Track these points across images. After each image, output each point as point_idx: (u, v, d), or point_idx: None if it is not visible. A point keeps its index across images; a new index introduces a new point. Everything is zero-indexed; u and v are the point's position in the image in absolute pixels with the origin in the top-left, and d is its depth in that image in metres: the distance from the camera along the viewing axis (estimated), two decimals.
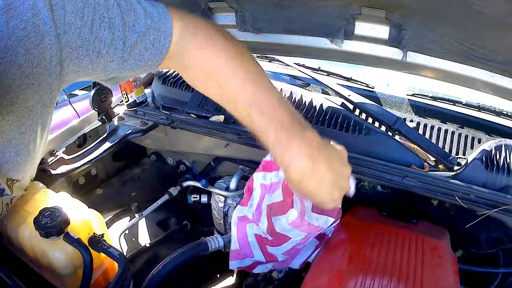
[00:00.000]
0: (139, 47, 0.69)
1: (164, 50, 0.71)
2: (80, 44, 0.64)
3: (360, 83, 1.41)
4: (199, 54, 0.71)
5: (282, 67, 1.57)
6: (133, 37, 0.67)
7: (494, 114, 1.24)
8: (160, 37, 0.70)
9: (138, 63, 0.71)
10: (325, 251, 0.91)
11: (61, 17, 0.61)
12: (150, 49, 0.70)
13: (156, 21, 0.70)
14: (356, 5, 0.91)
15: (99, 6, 0.64)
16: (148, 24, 0.68)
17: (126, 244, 1.49)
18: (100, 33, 0.64)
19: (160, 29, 0.70)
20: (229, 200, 1.22)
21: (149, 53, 0.70)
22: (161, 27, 0.70)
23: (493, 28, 0.78)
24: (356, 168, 0.96)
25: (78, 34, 0.63)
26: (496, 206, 0.87)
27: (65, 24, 0.61)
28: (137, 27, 0.68)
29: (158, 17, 0.70)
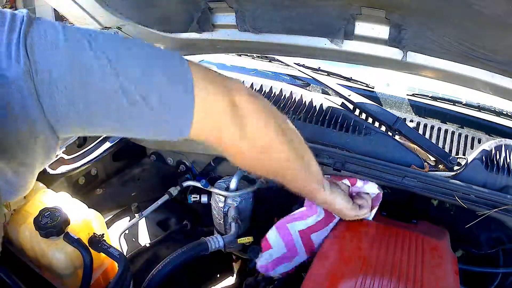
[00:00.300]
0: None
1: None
2: (77, 124, 0.58)
3: (360, 83, 1.41)
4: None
5: (282, 67, 1.57)
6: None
7: (494, 114, 1.24)
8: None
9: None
10: (325, 251, 0.91)
11: (52, 110, 0.54)
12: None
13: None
14: (356, 5, 0.91)
15: (97, 96, 0.56)
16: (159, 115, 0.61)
17: (126, 244, 1.49)
18: (103, 122, 0.58)
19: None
20: (229, 200, 1.22)
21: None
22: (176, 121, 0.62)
23: (493, 28, 0.78)
24: (356, 168, 0.96)
25: (72, 121, 0.57)
26: (496, 206, 0.87)
27: (57, 116, 0.55)
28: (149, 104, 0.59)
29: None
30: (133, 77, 0.56)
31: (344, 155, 0.99)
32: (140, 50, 0.60)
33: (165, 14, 1.23)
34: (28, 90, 0.51)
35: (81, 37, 0.55)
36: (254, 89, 1.30)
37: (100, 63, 0.54)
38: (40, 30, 0.53)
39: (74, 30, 0.56)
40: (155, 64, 0.59)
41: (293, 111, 1.18)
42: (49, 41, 0.53)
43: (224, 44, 1.27)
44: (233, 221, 1.16)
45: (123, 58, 0.56)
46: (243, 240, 1.10)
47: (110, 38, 0.58)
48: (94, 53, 0.54)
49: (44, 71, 0.52)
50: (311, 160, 0.81)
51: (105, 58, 0.55)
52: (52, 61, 0.52)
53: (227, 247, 1.07)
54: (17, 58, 0.50)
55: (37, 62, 0.51)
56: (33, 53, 0.51)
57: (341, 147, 1.06)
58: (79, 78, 0.53)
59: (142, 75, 0.57)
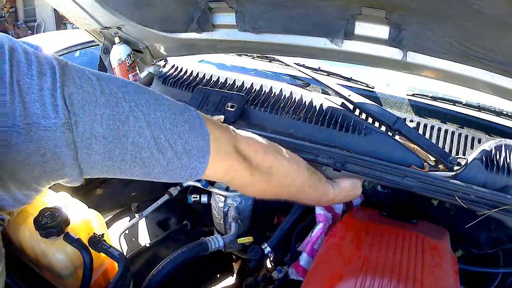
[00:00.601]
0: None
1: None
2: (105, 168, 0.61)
3: (360, 83, 1.41)
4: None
5: (282, 67, 1.57)
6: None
7: (494, 114, 1.24)
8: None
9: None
10: (325, 251, 0.91)
11: (87, 158, 0.57)
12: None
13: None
14: (356, 5, 0.91)
15: (132, 146, 0.60)
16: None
17: (126, 244, 1.49)
18: (131, 168, 0.62)
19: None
20: (229, 200, 1.22)
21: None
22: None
23: (493, 28, 0.78)
24: (356, 168, 0.96)
25: (103, 167, 0.60)
26: (496, 206, 0.87)
27: (90, 162, 0.58)
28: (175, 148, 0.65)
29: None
30: (163, 128, 0.62)
31: (344, 155, 0.99)
32: (164, 101, 0.65)
33: (165, 14, 1.23)
34: (65, 140, 0.53)
35: (115, 88, 0.59)
36: (254, 89, 1.30)
37: (136, 115, 0.59)
38: (75, 80, 0.55)
39: (107, 79, 0.59)
40: (178, 115, 0.65)
41: (293, 111, 1.18)
42: (86, 92, 0.55)
43: (224, 44, 1.27)
44: (233, 221, 1.17)
45: (153, 111, 0.61)
46: (243, 240, 1.10)
47: (139, 89, 0.63)
48: (129, 106, 0.59)
49: (85, 124, 0.54)
50: (308, 167, 0.91)
51: (139, 111, 0.60)
52: (92, 115, 0.55)
53: (227, 247, 1.07)
54: (55, 109, 0.52)
55: (77, 115, 0.54)
56: (72, 105, 0.53)
57: (341, 147, 1.06)
58: (117, 131, 0.57)
59: (170, 125, 0.63)
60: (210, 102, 1.24)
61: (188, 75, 1.46)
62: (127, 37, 1.37)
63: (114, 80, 0.61)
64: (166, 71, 1.51)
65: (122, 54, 1.36)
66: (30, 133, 0.51)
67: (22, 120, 0.50)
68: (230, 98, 1.23)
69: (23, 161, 0.52)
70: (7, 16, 10.75)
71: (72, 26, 7.00)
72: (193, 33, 1.24)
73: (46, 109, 0.51)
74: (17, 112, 0.50)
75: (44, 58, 0.55)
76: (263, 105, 1.23)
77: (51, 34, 6.38)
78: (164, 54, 1.44)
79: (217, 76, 1.40)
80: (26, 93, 0.51)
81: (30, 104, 0.51)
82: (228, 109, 1.20)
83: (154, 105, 0.62)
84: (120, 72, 1.38)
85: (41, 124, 0.51)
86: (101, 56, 1.42)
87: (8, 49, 0.52)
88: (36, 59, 0.54)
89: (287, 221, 1.11)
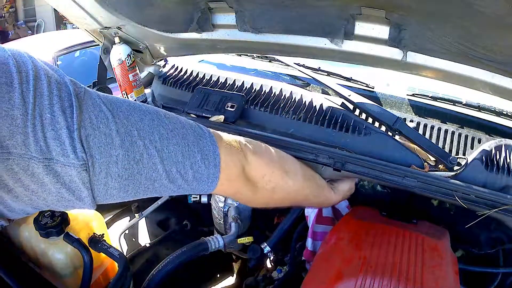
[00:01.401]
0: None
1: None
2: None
3: (360, 83, 1.41)
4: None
5: (282, 67, 1.57)
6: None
7: (494, 114, 1.24)
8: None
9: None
10: (325, 251, 0.91)
11: (103, 192, 0.60)
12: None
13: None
14: (356, 5, 0.91)
15: (145, 180, 0.63)
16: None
17: (126, 244, 1.49)
18: (143, 195, 0.66)
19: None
20: (229, 200, 1.22)
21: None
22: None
23: (493, 28, 0.78)
24: (356, 168, 0.96)
25: (116, 198, 0.63)
26: (496, 206, 0.87)
27: (104, 196, 0.61)
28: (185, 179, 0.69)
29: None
30: (175, 161, 0.65)
31: (344, 155, 0.99)
32: (179, 131, 0.68)
33: (165, 14, 1.23)
34: (81, 179, 0.56)
35: (130, 126, 0.61)
36: (254, 89, 1.30)
37: (149, 153, 0.62)
38: (92, 120, 0.57)
39: (123, 116, 0.61)
40: (192, 145, 0.68)
41: (293, 111, 1.18)
42: (102, 133, 0.58)
43: (224, 44, 1.27)
44: (233, 221, 1.17)
45: (166, 146, 0.65)
46: (243, 240, 1.10)
47: (154, 122, 0.65)
48: (144, 144, 0.62)
49: (101, 165, 0.57)
50: (314, 176, 0.95)
51: (153, 148, 0.63)
52: (108, 157, 0.58)
53: (227, 247, 1.07)
54: (73, 149, 0.55)
55: (94, 156, 0.56)
56: (89, 148, 0.56)
57: (341, 147, 1.06)
58: (131, 170, 0.61)
59: (182, 158, 0.66)
60: (210, 102, 1.24)
61: (188, 75, 1.46)
62: (127, 37, 1.37)
63: (130, 115, 0.63)
64: (166, 71, 1.51)
65: (122, 54, 1.36)
66: (49, 167, 0.54)
67: (42, 154, 0.53)
68: (230, 98, 1.23)
69: (37, 190, 0.55)
70: (7, 16, 10.75)
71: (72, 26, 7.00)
72: (193, 33, 1.24)
73: (65, 148, 0.54)
74: (38, 146, 0.53)
75: (64, 89, 0.57)
76: (263, 105, 1.23)
77: (51, 34, 6.38)
78: (164, 54, 1.44)
79: (217, 76, 1.40)
80: (47, 128, 0.53)
81: (50, 140, 0.53)
82: (228, 109, 1.20)
83: (167, 139, 0.65)
84: (120, 72, 1.38)
85: (59, 161, 0.54)
86: (101, 56, 1.42)
87: (32, 77, 0.54)
88: (58, 92, 0.56)
89: (286, 221, 1.11)
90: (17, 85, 0.52)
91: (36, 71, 0.55)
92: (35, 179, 0.54)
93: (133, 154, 0.60)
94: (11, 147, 0.51)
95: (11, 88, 0.51)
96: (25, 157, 0.52)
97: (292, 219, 1.11)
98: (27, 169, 0.53)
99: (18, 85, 0.52)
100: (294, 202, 0.94)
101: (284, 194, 0.87)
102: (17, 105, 0.51)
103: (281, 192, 0.86)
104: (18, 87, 0.52)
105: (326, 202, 1.00)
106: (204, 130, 0.73)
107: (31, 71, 0.54)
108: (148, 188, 0.65)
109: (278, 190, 0.85)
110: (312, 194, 0.94)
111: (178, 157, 0.66)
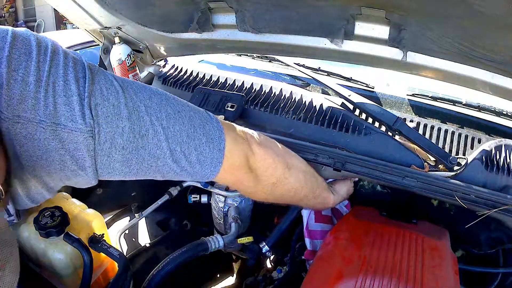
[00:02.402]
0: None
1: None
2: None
3: (360, 83, 1.41)
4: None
5: (282, 67, 1.57)
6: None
7: (494, 114, 1.24)
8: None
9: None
10: (325, 251, 0.91)
11: (106, 164, 0.61)
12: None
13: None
14: (356, 5, 0.91)
15: (148, 156, 0.64)
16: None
17: (126, 244, 1.49)
18: (147, 173, 0.67)
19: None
20: (229, 200, 1.22)
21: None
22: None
23: (493, 28, 0.78)
24: (356, 168, 0.96)
25: (119, 173, 0.64)
26: (496, 206, 0.87)
27: (107, 168, 0.62)
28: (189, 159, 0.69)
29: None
30: (180, 141, 0.66)
31: (344, 155, 0.99)
32: (185, 113, 0.69)
33: (165, 14, 1.23)
34: (86, 146, 0.57)
35: (139, 102, 0.63)
36: (254, 89, 1.30)
37: (155, 129, 0.63)
38: (102, 91, 0.59)
39: (132, 92, 0.63)
40: (198, 128, 0.69)
41: (293, 111, 1.18)
42: (111, 104, 0.59)
43: (224, 44, 1.27)
44: (233, 221, 1.17)
45: (172, 125, 0.65)
46: (243, 240, 1.10)
47: (162, 101, 0.66)
48: (150, 120, 0.63)
49: (107, 134, 0.58)
50: (316, 176, 0.95)
51: (159, 125, 0.63)
52: (115, 127, 0.59)
53: (227, 247, 1.07)
54: (82, 115, 0.56)
55: (101, 125, 0.58)
56: (97, 116, 0.57)
57: (341, 147, 1.06)
58: (136, 143, 0.61)
59: (187, 138, 0.67)
60: (210, 102, 1.24)
61: (188, 75, 1.46)
62: (127, 37, 1.37)
63: (140, 91, 0.64)
64: (166, 71, 1.51)
65: (122, 54, 1.36)
66: (55, 132, 0.55)
67: (50, 119, 0.54)
68: (230, 98, 1.23)
69: (42, 155, 0.56)
70: (7, 16, 10.76)
71: (72, 26, 7.00)
72: (193, 33, 1.24)
73: (74, 113, 0.56)
74: (47, 110, 0.54)
75: (80, 63, 0.59)
76: (263, 105, 1.23)
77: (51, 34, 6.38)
78: (164, 54, 1.44)
79: (217, 76, 1.40)
80: (58, 94, 0.55)
81: (60, 105, 0.55)
82: (228, 109, 1.20)
83: (174, 118, 0.66)
84: (120, 72, 1.38)
85: (67, 126, 0.55)
86: (101, 56, 1.42)
87: (50, 51, 0.57)
88: (73, 64, 0.58)
89: (284, 220, 1.11)
90: (35, 55, 0.55)
91: (54, 47, 0.58)
92: (41, 145, 0.55)
93: (139, 128, 0.61)
94: (21, 111, 0.53)
95: (29, 57, 0.54)
96: (34, 121, 0.54)
97: (291, 219, 1.11)
98: (34, 134, 0.54)
99: (35, 55, 0.55)
100: (293, 200, 0.93)
101: (284, 190, 0.87)
102: (32, 72, 0.54)
103: (281, 187, 0.86)
104: (35, 57, 0.55)
105: (324, 204, 1.00)
106: (212, 116, 0.74)
107: (50, 47, 0.57)
108: (151, 166, 0.65)
109: (279, 185, 0.85)
110: (312, 194, 0.94)
111: (183, 137, 0.66)
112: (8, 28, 0.56)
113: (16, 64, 0.53)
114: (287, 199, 0.93)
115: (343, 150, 1.04)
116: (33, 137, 0.54)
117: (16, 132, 0.54)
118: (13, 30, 0.56)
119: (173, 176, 0.71)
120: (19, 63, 0.53)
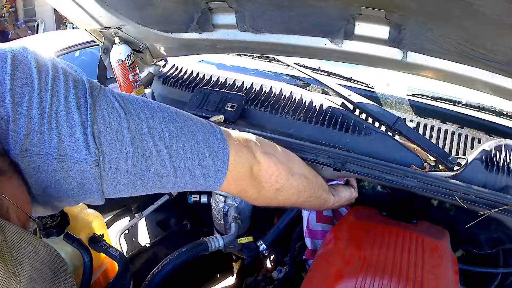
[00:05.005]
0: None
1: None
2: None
3: (360, 83, 1.41)
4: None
5: (282, 67, 1.57)
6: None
7: (494, 114, 1.24)
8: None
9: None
10: (325, 251, 0.91)
11: (111, 187, 0.62)
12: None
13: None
14: (356, 5, 0.91)
15: (153, 176, 0.65)
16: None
17: (126, 244, 1.49)
18: (151, 190, 0.67)
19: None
20: (229, 200, 1.22)
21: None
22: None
23: (493, 28, 0.78)
24: (356, 168, 0.96)
25: (124, 193, 0.65)
26: (496, 206, 0.87)
27: (113, 191, 0.63)
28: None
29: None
30: (183, 157, 0.67)
31: (344, 155, 0.99)
32: (188, 128, 0.69)
33: (165, 14, 1.23)
34: (92, 174, 0.58)
35: (142, 123, 0.63)
36: (254, 89, 1.30)
37: (158, 150, 0.64)
38: (104, 117, 0.60)
39: (135, 113, 0.63)
40: (201, 142, 0.69)
41: (293, 111, 1.18)
42: (114, 130, 0.60)
43: (224, 44, 1.27)
44: (233, 221, 1.17)
45: (175, 142, 0.66)
46: (243, 240, 1.10)
47: (165, 119, 0.66)
48: (153, 141, 0.63)
49: (111, 161, 0.59)
50: (317, 178, 0.95)
51: (162, 145, 0.64)
52: (118, 153, 0.60)
53: (227, 247, 1.07)
54: (86, 146, 0.57)
55: (105, 153, 0.58)
56: (101, 144, 0.58)
57: (341, 147, 1.06)
58: (140, 166, 0.62)
59: (191, 154, 0.67)
60: (210, 102, 1.24)
61: (188, 75, 1.46)
62: (127, 37, 1.37)
63: (141, 110, 0.64)
64: (166, 71, 1.51)
65: (122, 54, 1.36)
66: (62, 163, 0.56)
67: (56, 151, 0.55)
68: (230, 98, 1.23)
69: (50, 185, 0.58)
70: (7, 16, 10.76)
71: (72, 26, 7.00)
72: (193, 33, 1.24)
73: (79, 144, 0.57)
74: (52, 143, 0.55)
75: (81, 87, 0.59)
76: (263, 105, 1.23)
77: (51, 34, 6.38)
78: (164, 54, 1.44)
79: (217, 76, 1.40)
80: (62, 126, 0.56)
81: (65, 136, 0.56)
82: (228, 109, 1.20)
83: (177, 136, 0.66)
84: (120, 72, 1.38)
85: (72, 157, 0.56)
86: (101, 56, 1.42)
87: (51, 77, 0.57)
88: (74, 90, 0.58)
89: (282, 220, 1.12)
90: (37, 85, 0.55)
91: (54, 71, 0.58)
92: (49, 176, 0.56)
93: (143, 151, 0.62)
94: (28, 145, 0.54)
95: (31, 88, 0.55)
96: (40, 154, 0.55)
97: (289, 218, 1.11)
98: (42, 166, 0.55)
99: (37, 84, 0.55)
100: (296, 203, 0.94)
101: (288, 194, 0.88)
102: (35, 104, 0.54)
103: (285, 192, 0.87)
104: (37, 87, 0.55)
105: (325, 204, 1.01)
106: (215, 127, 0.74)
107: (50, 71, 0.57)
108: (155, 184, 0.66)
109: (283, 190, 0.86)
110: (314, 195, 0.94)
111: (187, 153, 0.67)
112: (7, 53, 0.55)
113: (19, 97, 0.53)
114: (290, 202, 0.93)
115: (343, 150, 1.04)
116: (41, 169, 0.56)
117: (25, 165, 0.55)
118: (12, 55, 0.55)
119: (177, 189, 0.71)
120: (22, 95, 0.54)
